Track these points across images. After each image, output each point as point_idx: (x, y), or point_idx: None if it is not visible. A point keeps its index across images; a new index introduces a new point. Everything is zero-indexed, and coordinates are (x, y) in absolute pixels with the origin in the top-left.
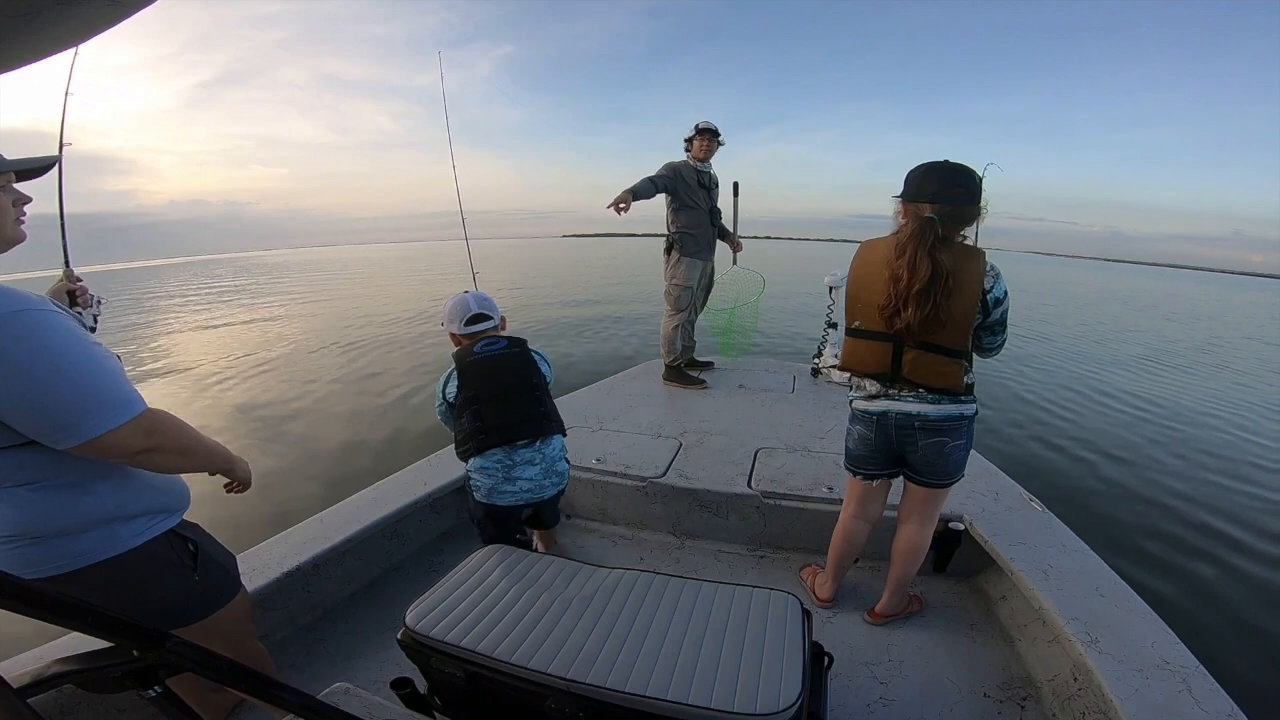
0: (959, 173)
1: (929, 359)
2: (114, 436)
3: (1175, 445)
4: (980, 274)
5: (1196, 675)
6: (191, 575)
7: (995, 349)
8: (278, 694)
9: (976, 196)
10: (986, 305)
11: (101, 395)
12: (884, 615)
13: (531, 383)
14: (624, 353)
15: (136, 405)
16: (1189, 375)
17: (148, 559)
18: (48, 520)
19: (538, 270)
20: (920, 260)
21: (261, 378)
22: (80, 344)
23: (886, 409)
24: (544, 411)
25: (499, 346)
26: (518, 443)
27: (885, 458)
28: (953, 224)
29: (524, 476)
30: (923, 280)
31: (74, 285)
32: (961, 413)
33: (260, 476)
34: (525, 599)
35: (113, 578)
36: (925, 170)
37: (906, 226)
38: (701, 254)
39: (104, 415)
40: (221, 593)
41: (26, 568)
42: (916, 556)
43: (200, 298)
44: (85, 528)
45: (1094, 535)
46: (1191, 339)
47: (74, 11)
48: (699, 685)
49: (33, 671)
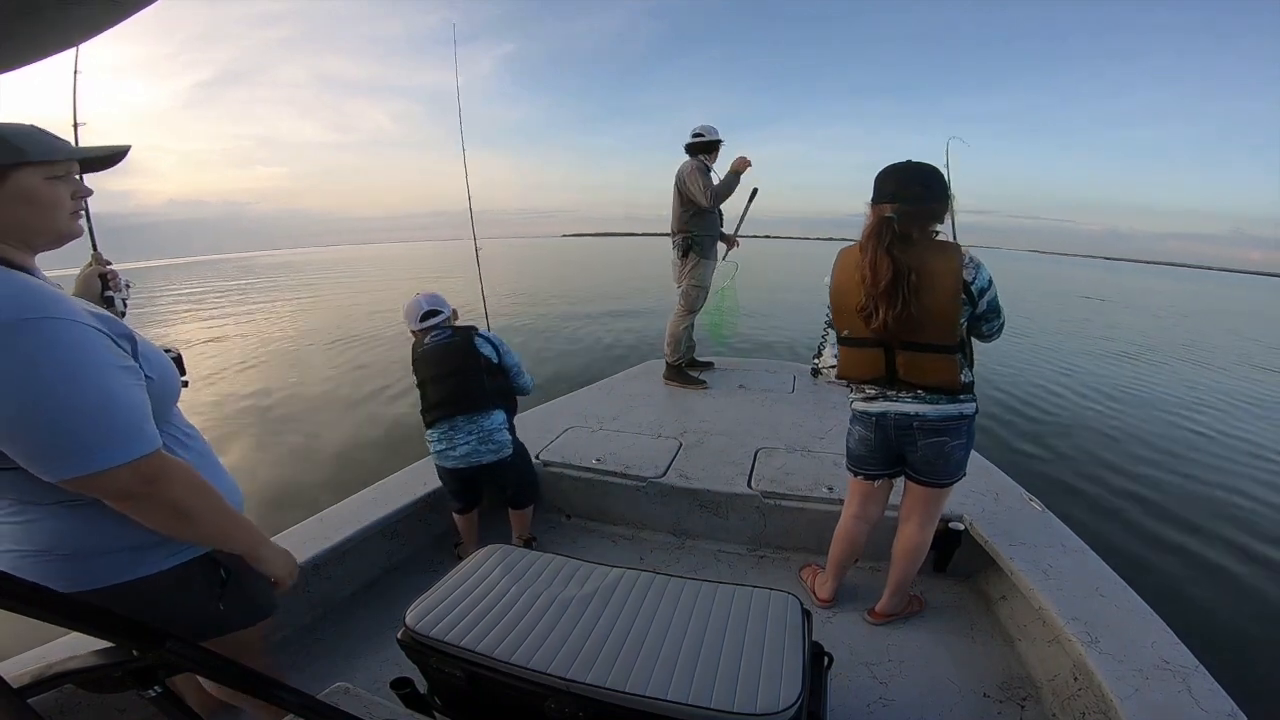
0: (916, 171)
1: (922, 358)
2: (99, 479)
3: (1168, 444)
4: (954, 268)
5: (1196, 675)
6: (216, 603)
7: (994, 334)
8: (278, 694)
9: (937, 193)
10: (972, 296)
11: (95, 430)
12: (884, 615)
13: (468, 365)
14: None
15: (139, 447)
16: (1192, 374)
17: (173, 583)
18: (80, 539)
19: (548, 270)
20: (880, 259)
21: (269, 374)
22: (92, 367)
23: (885, 410)
24: (480, 389)
25: (444, 336)
26: (456, 417)
27: (886, 458)
28: (914, 221)
29: (462, 444)
30: (886, 278)
31: (104, 269)
32: (961, 412)
33: (266, 476)
34: (525, 599)
35: (132, 596)
36: (885, 172)
37: (865, 228)
38: (714, 254)
39: (90, 454)
40: (241, 620)
41: (47, 582)
42: (917, 556)
43: (206, 301)
44: (117, 549)
45: (1093, 535)
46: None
47: (74, 11)
48: (699, 685)
49: (33, 671)
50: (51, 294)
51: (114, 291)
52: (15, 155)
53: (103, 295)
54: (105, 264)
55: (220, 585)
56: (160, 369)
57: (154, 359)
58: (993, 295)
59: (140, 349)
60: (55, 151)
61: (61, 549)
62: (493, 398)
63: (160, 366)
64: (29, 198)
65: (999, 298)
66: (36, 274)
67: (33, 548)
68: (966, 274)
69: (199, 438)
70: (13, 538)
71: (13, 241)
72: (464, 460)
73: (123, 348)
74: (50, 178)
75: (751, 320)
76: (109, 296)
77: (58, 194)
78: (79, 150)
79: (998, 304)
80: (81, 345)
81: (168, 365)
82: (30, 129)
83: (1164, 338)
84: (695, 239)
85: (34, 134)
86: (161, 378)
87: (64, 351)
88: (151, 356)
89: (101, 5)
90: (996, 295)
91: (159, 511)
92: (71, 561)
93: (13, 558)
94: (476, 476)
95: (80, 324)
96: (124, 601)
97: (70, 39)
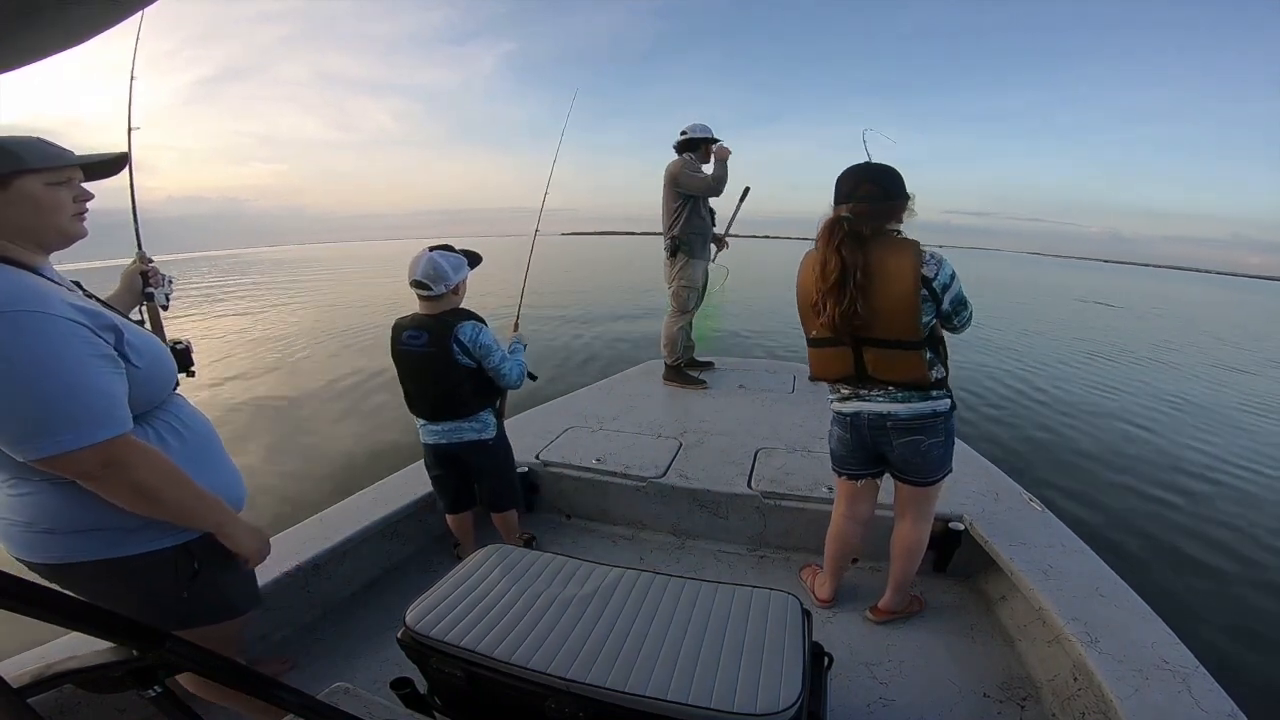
0: (868, 171)
1: (887, 355)
2: (62, 460)
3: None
4: (911, 265)
5: (1196, 675)
6: (180, 592)
7: (963, 325)
8: (277, 694)
9: (890, 192)
10: (935, 293)
11: (60, 415)
12: (886, 612)
13: (444, 380)
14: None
15: (102, 431)
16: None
17: (144, 567)
18: (62, 516)
19: (564, 269)
20: (829, 257)
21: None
22: (62, 356)
23: (858, 410)
24: (460, 400)
25: (418, 343)
26: (437, 421)
27: (865, 457)
28: (868, 220)
29: (435, 430)
30: (833, 276)
31: (145, 266)
32: (934, 409)
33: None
34: (525, 599)
35: (103, 575)
36: (842, 173)
37: (820, 228)
38: (704, 254)
39: (54, 437)
40: (206, 615)
41: (26, 551)
42: (914, 553)
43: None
44: (96, 527)
45: (1093, 535)
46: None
47: (74, 11)
48: (699, 685)
49: (33, 671)
50: (32, 288)
51: (154, 287)
52: (15, 163)
53: (144, 291)
54: (148, 262)
55: (190, 577)
56: (149, 358)
57: (143, 349)
58: (956, 290)
59: (128, 339)
60: (54, 159)
61: (43, 523)
62: (476, 401)
63: (149, 356)
64: (33, 202)
65: (964, 290)
66: (43, 271)
67: (18, 519)
68: (927, 270)
69: (199, 428)
70: (8, 507)
71: (19, 242)
72: (445, 435)
73: (104, 338)
74: (51, 184)
75: (752, 320)
76: (149, 292)
77: (59, 198)
78: (79, 158)
79: (962, 296)
80: (51, 336)
81: (159, 355)
82: (31, 140)
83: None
84: (683, 239)
85: (34, 144)
86: (149, 366)
87: (34, 341)
88: (141, 346)
89: (101, 5)
90: (960, 289)
91: (123, 491)
92: (52, 536)
93: (3, 525)
94: (459, 456)
95: (53, 316)
96: (94, 580)
97: (70, 39)
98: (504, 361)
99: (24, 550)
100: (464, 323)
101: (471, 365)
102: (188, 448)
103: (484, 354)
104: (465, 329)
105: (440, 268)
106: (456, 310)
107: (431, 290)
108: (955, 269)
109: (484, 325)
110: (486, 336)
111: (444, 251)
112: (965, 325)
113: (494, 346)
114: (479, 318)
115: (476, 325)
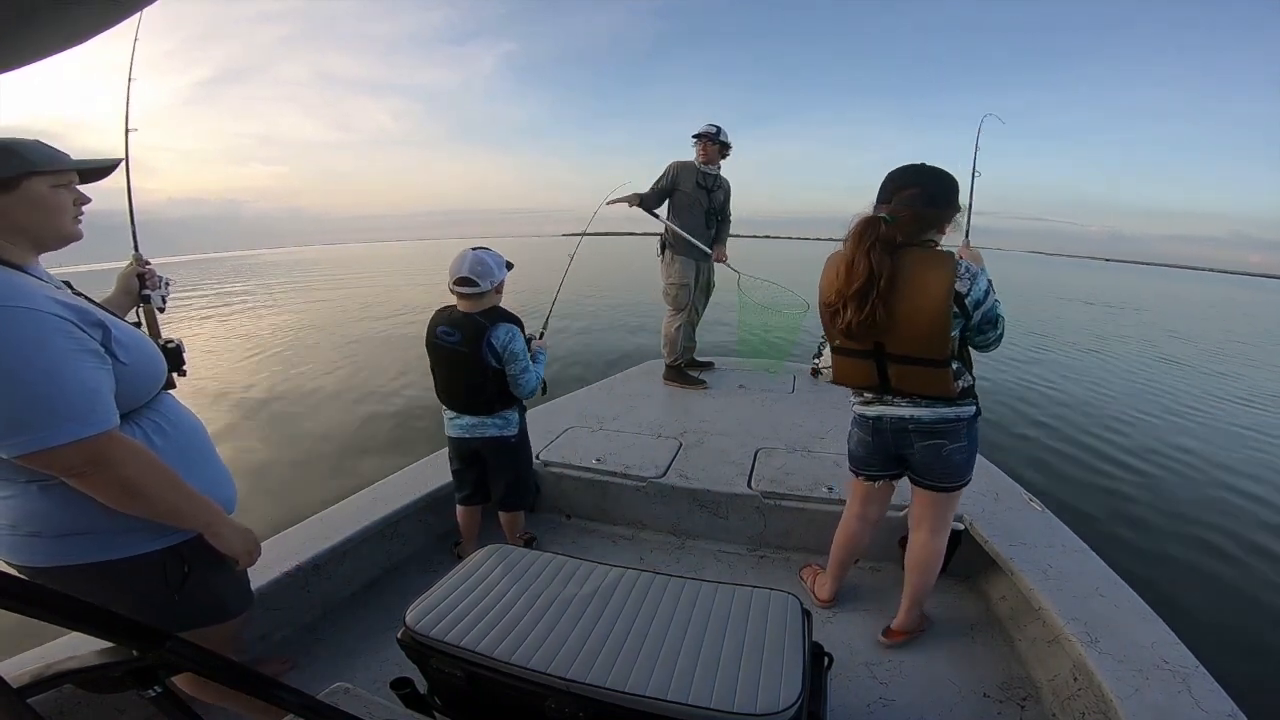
0: (919, 173)
1: (914, 371)
2: (45, 456)
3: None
4: (944, 280)
5: (1196, 675)
6: (171, 595)
7: (992, 344)
8: (277, 694)
9: (938, 198)
10: (965, 309)
11: (42, 411)
12: (900, 633)
13: (474, 376)
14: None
15: (86, 427)
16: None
17: (132, 571)
18: (48, 519)
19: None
20: (858, 260)
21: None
22: (44, 352)
23: (881, 413)
24: (488, 397)
25: (452, 340)
26: (465, 414)
27: (885, 459)
28: (908, 226)
29: (460, 424)
30: (859, 280)
31: (142, 268)
32: (958, 415)
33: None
34: (525, 599)
35: (92, 579)
36: (891, 172)
37: (852, 227)
38: (694, 253)
39: (36, 433)
40: (199, 617)
41: (12, 554)
42: (931, 567)
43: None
44: (83, 530)
45: (1093, 535)
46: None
47: (74, 11)
48: (699, 685)
49: (33, 671)
50: (16, 284)
51: (151, 289)
52: (26, 165)
53: (140, 293)
54: (144, 264)
55: (180, 580)
56: (136, 355)
57: (131, 346)
58: (989, 306)
59: (116, 335)
60: (59, 162)
61: (28, 526)
62: (501, 399)
63: (137, 353)
64: (38, 203)
65: (999, 308)
66: (31, 270)
67: (3, 522)
68: (960, 285)
69: (186, 427)
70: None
71: (19, 241)
72: (469, 430)
73: (91, 334)
74: (55, 185)
75: None
76: (146, 294)
77: (62, 200)
78: (78, 162)
79: (995, 314)
80: (36, 330)
81: (147, 352)
82: (35, 143)
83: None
84: (669, 236)
85: (39, 147)
86: (136, 363)
87: (17, 335)
88: (128, 343)
89: (101, 5)
90: (995, 307)
91: (109, 488)
92: (35, 539)
93: None
94: (480, 451)
95: (38, 311)
96: (83, 584)
97: (70, 39)
98: (525, 372)
99: (10, 554)
100: (500, 325)
101: (499, 367)
102: (174, 446)
103: (510, 359)
104: (500, 333)
105: (486, 264)
106: (496, 309)
107: (478, 286)
108: (991, 281)
109: (519, 330)
110: (518, 344)
111: (487, 250)
112: (992, 346)
113: (521, 355)
114: (518, 321)
115: (511, 330)
